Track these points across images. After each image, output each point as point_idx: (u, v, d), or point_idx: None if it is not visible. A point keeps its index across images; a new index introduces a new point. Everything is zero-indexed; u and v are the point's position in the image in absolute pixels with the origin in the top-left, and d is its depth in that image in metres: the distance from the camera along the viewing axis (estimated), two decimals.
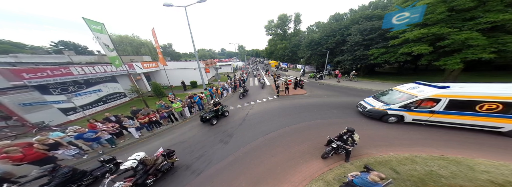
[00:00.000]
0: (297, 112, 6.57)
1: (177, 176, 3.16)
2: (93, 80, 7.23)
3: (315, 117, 5.90)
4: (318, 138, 4.21)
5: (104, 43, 5.32)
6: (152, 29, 7.50)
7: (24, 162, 2.91)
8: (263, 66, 33.88)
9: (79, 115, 6.10)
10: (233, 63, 28.42)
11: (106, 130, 4.08)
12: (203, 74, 9.31)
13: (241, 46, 75.06)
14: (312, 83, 13.42)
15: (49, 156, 3.19)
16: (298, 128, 5.05)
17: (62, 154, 3.35)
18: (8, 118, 4.97)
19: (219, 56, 71.44)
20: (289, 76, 18.46)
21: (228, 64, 25.96)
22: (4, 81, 4.66)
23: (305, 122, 5.50)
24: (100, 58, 11.81)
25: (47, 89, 5.66)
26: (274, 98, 9.08)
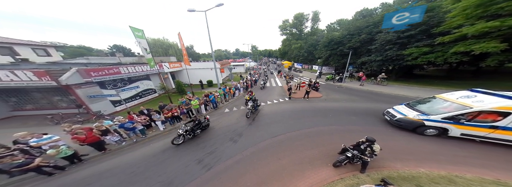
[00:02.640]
0: (310, 115, 6.18)
1: (191, 169, 3.42)
2: (134, 78, 8.55)
3: (330, 122, 5.45)
4: (331, 145, 3.90)
5: (143, 47, 6.28)
6: (179, 33, 8.29)
7: (85, 143, 3.75)
8: (276, 67, 32.79)
9: (122, 107, 7.36)
10: (246, 64, 28.55)
11: (140, 121, 4.81)
12: (218, 74, 9.74)
13: (254, 47, 74.67)
14: (330, 86, 12.29)
15: (101, 140, 4.01)
16: (309, 132, 4.77)
17: (109, 139, 4.15)
18: (80, 106, 6.55)
19: (233, 56, 73.44)
20: (303, 78, 17.25)
21: (241, 64, 26.26)
22: (79, 78, 6.05)
23: (318, 126, 5.14)
24: (139, 59, 13.97)
25: (104, 85, 7.03)
26: (285, 100, 8.73)
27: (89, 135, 3.81)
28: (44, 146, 3.49)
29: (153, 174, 3.24)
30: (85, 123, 5.90)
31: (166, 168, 3.42)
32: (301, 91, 9.74)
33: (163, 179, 3.07)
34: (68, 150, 3.32)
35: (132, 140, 4.55)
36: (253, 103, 6.50)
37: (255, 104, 6.68)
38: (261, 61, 54.19)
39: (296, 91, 9.73)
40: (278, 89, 11.81)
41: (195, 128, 4.62)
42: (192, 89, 10.04)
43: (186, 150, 4.18)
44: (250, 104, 6.36)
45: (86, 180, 3.13)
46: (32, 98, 6.55)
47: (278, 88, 12.17)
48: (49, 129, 4.71)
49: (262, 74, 19.32)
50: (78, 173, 3.40)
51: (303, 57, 28.76)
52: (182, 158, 3.78)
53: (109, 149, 4.03)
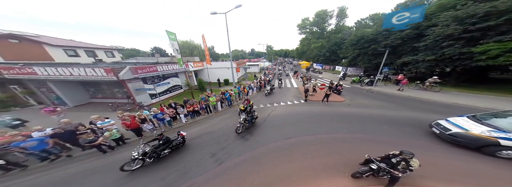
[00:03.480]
0: (329, 120, 5.62)
1: (204, 161, 3.66)
2: (166, 75, 9.88)
3: (353, 129, 4.82)
4: (351, 154, 3.47)
5: (175, 48, 7.16)
6: (202, 35, 8.92)
7: (129, 129, 4.64)
8: (292, 67, 30.96)
9: (156, 100, 8.64)
10: (260, 64, 28.04)
11: (169, 113, 5.54)
12: (234, 74, 10.03)
13: (269, 46, 72.59)
14: (356, 90, 10.70)
15: (140, 127, 4.87)
16: (326, 138, 4.36)
17: (145, 127, 4.99)
18: (128, 97, 8.21)
19: (249, 56, 73.45)
20: (323, 79, 15.54)
21: (256, 64, 25.97)
22: (130, 74, 7.46)
23: (337, 133, 4.64)
24: (171, 59, 16.09)
25: (145, 80, 8.45)
26: (300, 102, 8.17)
27: (132, 122, 4.63)
28: (105, 128, 4.55)
29: (172, 163, 3.64)
30: (131, 112, 7.36)
31: (184, 158, 3.79)
32: (320, 94, 8.79)
33: (180, 168, 3.41)
34: (117, 133, 4.19)
35: (161, 130, 5.31)
36: (246, 116, 5.02)
37: (251, 116, 5.19)
38: (276, 61, 52.20)
39: (313, 94, 8.85)
40: (293, 91, 11.14)
41: (159, 149, 3.58)
42: (211, 87, 10.77)
43: (203, 142, 4.50)
44: (242, 117, 4.86)
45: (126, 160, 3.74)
46: (101, 89, 8.65)
47: (294, 90, 11.46)
48: (109, 114, 6.11)
49: (276, 75, 18.43)
50: (122, 153, 4.10)
51: (324, 57, 25.94)
52: (197, 151, 4.09)
53: (144, 136, 4.84)
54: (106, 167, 3.55)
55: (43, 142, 3.44)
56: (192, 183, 2.99)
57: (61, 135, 3.71)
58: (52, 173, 3.47)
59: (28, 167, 3.51)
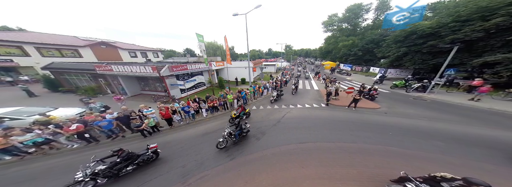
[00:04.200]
0: (355, 128, 4.92)
1: (218, 155, 3.87)
2: (194, 73, 11.04)
3: (388, 141, 4.09)
4: (382, 169, 3.01)
5: (202, 49, 7.87)
6: (225, 36, 9.32)
7: (164, 118, 5.52)
8: (313, 68, 28.01)
9: (184, 94, 9.88)
10: (277, 63, 26.63)
11: (193, 107, 6.24)
12: (251, 73, 10.12)
13: (288, 46, 68.73)
14: (397, 96, 8.77)
15: (171, 118, 5.72)
16: (349, 147, 3.88)
17: (175, 118, 5.81)
18: (165, 91, 9.83)
19: (265, 56, 71.66)
20: (352, 82, 13.28)
21: (273, 64, 24.82)
22: (168, 72, 8.79)
23: (365, 143, 4.03)
24: (198, 59, 17.93)
25: (178, 77, 9.83)
26: (321, 106, 7.37)
27: (166, 112, 5.49)
28: (147, 116, 5.63)
29: (192, 152, 4.03)
30: (166, 103, 8.79)
31: (201, 150, 4.13)
32: (346, 99, 7.56)
33: (197, 159, 3.75)
34: (153, 121, 5.08)
35: (186, 122, 6.04)
36: (236, 127, 4.20)
37: (239, 129, 4.21)
38: (295, 61, 48.78)
39: (337, 98, 7.69)
40: (313, 93, 10.14)
41: (117, 167, 2.91)
42: (229, 85, 11.29)
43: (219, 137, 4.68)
44: (227, 130, 4.00)
45: (161, 145, 4.32)
46: (148, 83, 10.75)
47: (314, 93, 10.42)
48: (151, 104, 7.55)
49: (294, 75, 16.99)
50: (156, 139, 4.70)
51: (355, 57, 22.15)
52: (213, 145, 4.28)
53: (173, 126, 5.66)
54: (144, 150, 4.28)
55: (111, 123, 4.62)
56: (205, 174, 3.23)
57: (121, 119, 4.88)
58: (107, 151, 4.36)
59: (99, 142, 4.58)
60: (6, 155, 3.59)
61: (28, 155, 3.79)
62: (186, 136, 4.97)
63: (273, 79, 11.86)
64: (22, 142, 3.62)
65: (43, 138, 3.85)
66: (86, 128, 4.29)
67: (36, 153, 3.89)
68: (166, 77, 8.67)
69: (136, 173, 3.25)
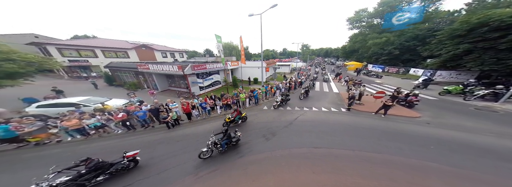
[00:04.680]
0: (382, 138, 4.28)
1: (228, 152, 3.96)
2: (211, 72, 11.69)
3: (426, 155, 3.43)
4: (414, 185, 2.60)
5: (220, 49, 8.21)
6: (240, 37, 9.36)
7: (184, 112, 6.07)
8: (333, 69, 24.55)
9: (202, 91, 10.66)
10: (292, 64, 25.07)
11: (209, 104, 6.62)
12: (264, 73, 9.84)
13: (305, 46, 62.71)
14: (448, 104, 7.13)
15: (190, 112, 6.24)
16: (371, 157, 3.40)
17: (194, 113, 6.30)
18: (187, 87, 10.84)
19: (280, 56, 68.27)
20: (383, 85, 11.20)
21: (287, 64, 23.55)
22: (190, 71, 9.61)
23: (392, 155, 3.47)
24: (216, 59, 18.85)
25: (198, 76, 10.66)
26: (340, 110, 6.61)
27: (187, 107, 6.05)
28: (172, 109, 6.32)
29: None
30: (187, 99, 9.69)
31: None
32: (373, 104, 6.44)
33: None
34: (176, 115, 5.64)
35: (202, 117, 6.47)
36: (223, 136, 3.71)
37: (226, 138, 3.72)
38: (313, 61, 44.66)
39: (362, 103, 6.62)
40: (332, 96, 9.13)
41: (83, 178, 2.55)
42: (242, 84, 11.41)
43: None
44: (211, 139, 3.51)
45: (179, 137, 4.72)
46: (174, 80, 12.07)
47: (332, 96, 9.37)
48: (175, 99, 8.43)
49: (310, 76, 15.49)
50: (177, 131, 5.15)
51: (390, 57, 18.60)
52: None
53: (192, 120, 6.15)
54: (167, 140, 4.59)
55: (145, 114, 5.43)
56: (215, 169, 3.37)
57: (152, 111, 5.65)
58: (142, 138, 4.79)
59: (136, 130, 5.27)
60: (78, 134, 4.73)
61: (90, 136, 4.86)
62: (202, 130, 5.29)
63: (286, 80, 11.27)
64: (88, 125, 4.67)
65: (100, 122, 4.86)
66: (128, 117, 5.15)
67: (95, 134, 4.95)
68: (188, 75, 9.51)
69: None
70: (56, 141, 4.53)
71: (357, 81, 10.34)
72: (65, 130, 4.48)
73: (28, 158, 3.86)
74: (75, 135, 4.70)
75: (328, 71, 21.97)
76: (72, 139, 4.68)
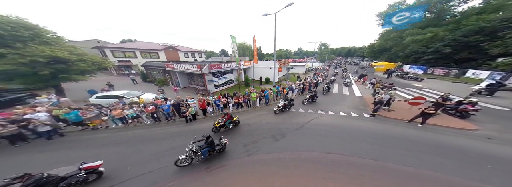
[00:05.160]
0: (413, 149, 3.67)
1: (237, 149, 4.01)
2: (226, 71, 12.09)
3: (481, 176, 2.81)
4: None
5: (234, 50, 8.36)
6: (254, 37, 9.21)
7: (200, 109, 6.47)
8: (356, 70, 21.41)
9: (217, 89, 11.15)
10: (307, 64, 23.36)
11: (223, 101, 6.86)
12: (276, 73, 9.43)
13: (324, 45, 57.40)
14: None
15: (206, 108, 6.61)
16: (398, 169, 2.97)
17: (208, 109, 6.64)
18: (204, 85, 11.54)
19: (294, 56, 64.23)
20: (423, 90, 9.35)
21: (302, 64, 22.04)
22: (207, 70, 10.14)
23: (429, 170, 2.94)
24: (230, 59, 19.32)
25: (213, 74, 11.20)
26: (362, 116, 5.87)
27: (203, 103, 6.45)
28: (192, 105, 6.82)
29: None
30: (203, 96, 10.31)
31: None
32: (407, 111, 5.40)
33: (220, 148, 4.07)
34: (194, 110, 6.05)
35: (216, 114, 6.75)
36: (205, 143, 3.31)
37: (207, 145, 3.31)
38: (332, 61, 40.62)
39: (391, 109, 5.59)
40: (352, 100, 8.11)
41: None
42: (254, 84, 11.32)
43: (240, 132, 4.92)
44: (189, 146, 3.17)
45: (195, 131, 4.84)
46: (193, 78, 13.03)
47: (354, 99, 8.32)
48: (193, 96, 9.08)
49: (327, 77, 13.83)
50: (193, 125, 5.49)
51: (437, 56, 14.83)
52: (235, 139, 4.54)
53: (207, 116, 6.49)
54: (185, 133, 4.91)
55: (169, 107, 6.06)
56: (225, 164, 3.47)
57: (174, 105, 6.25)
58: (165, 129, 5.24)
59: (161, 122, 5.83)
60: (120, 122, 5.67)
61: (128, 125, 5.75)
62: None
63: (300, 81, 10.57)
64: (127, 114, 5.53)
65: (136, 113, 5.69)
66: (156, 110, 5.84)
67: (131, 124, 5.83)
68: (205, 74, 10.07)
69: None
70: (105, 127, 5.55)
71: (388, 84, 8.73)
72: (112, 118, 5.44)
73: (86, 139, 4.83)
74: (117, 123, 5.66)
75: (350, 73, 19.27)
76: (116, 126, 5.63)
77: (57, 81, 7.56)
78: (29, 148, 4.24)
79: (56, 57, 6.52)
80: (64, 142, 4.61)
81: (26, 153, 4.02)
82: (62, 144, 4.48)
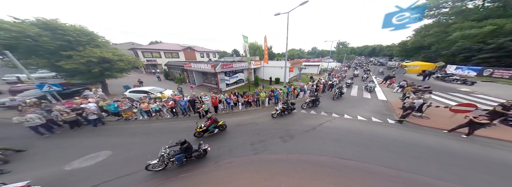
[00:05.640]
0: (451, 162, 3.08)
1: (245, 147, 4.01)
2: (237, 70, 12.28)
3: None
4: None
5: (246, 49, 8.32)
6: (265, 36, 8.97)
7: (213, 105, 6.69)
8: (381, 71, 18.38)
9: (228, 88, 11.43)
10: (322, 64, 21.57)
11: (233, 99, 6.95)
12: (286, 73, 9.04)
13: (342, 43, 51.07)
14: None
15: (217, 106, 6.80)
16: (424, 182, 2.59)
17: (220, 106, 6.82)
18: (216, 84, 11.96)
19: (307, 55, 60.38)
20: (472, 95, 7.76)
21: (315, 64, 20.46)
22: (220, 69, 10.51)
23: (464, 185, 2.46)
24: (242, 58, 19.43)
25: (225, 74, 11.52)
26: (385, 122, 5.20)
27: (215, 101, 6.66)
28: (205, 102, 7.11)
29: (227, 139, 4.51)
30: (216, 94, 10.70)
31: (232, 139, 4.45)
32: (448, 119, 4.47)
33: (229, 145, 4.15)
34: (206, 107, 6.30)
35: (226, 111, 6.88)
36: (180, 148, 3.03)
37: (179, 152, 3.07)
38: (351, 61, 36.41)
39: (424, 116, 4.68)
40: (374, 104, 7.24)
41: None
42: (263, 83, 11.09)
43: (248, 130, 4.91)
44: (164, 152, 2.98)
45: None
46: (207, 77, 13.66)
47: (376, 103, 7.42)
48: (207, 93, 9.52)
49: (343, 81, 12.15)
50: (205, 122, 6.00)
51: (500, 53, 11.62)
52: (242, 136, 4.56)
53: (218, 113, 6.67)
54: None
55: (186, 103, 6.47)
56: (233, 161, 3.51)
57: (190, 101, 6.63)
58: (181, 123, 5.63)
59: (178, 117, 6.33)
60: (146, 115, 6.35)
61: (151, 117, 6.39)
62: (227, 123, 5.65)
63: (313, 82, 9.83)
64: (152, 108, 6.15)
65: (158, 107, 6.27)
66: (175, 105, 6.31)
67: (154, 117, 6.46)
68: (218, 73, 10.38)
69: None
70: (134, 118, 6.30)
71: (423, 88, 7.27)
72: (140, 110, 6.13)
73: (120, 129, 5.59)
74: (144, 115, 6.35)
75: (374, 74, 16.69)
76: (142, 118, 6.33)
77: (103, 78, 8.97)
78: (81, 132, 5.17)
79: (103, 58, 7.77)
80: (104, 130, 5.43)
81: (79, 136, 4.91)
82: (103, 131, 5.29)
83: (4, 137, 4.52)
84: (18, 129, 4.59)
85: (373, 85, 9.54)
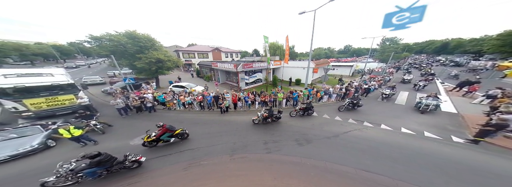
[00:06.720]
0: None
1: (258, 145, 4.00)
2: (256, 70, 12.30)
3: None
4: None
5: (266, 49, 7.99)
6: (286, 36, 8.21)
7: (233, 102, 6.94)
8: (455, 74, 12.10)
9: (247, 87, 11.64)
10: (357, 64, 17.65)
11: (251, 98, 6.94)
12: (309, 74, 8.03)
13: (391, 39, 37.26)
14: None
15: (237, 103, 7.00)
16: None
17: (239, 104, 6.99)
18: (237, 82, 12.39)
19: (338, 55, 50.60)
20: None
21: (348, 65, 16.89)
22: (241, 68, 10.88)
23: None
24: (261, 58, 19.05)
25: (245, 73, 11.75)
26: (448, 139, 3.91)
27: (235, 98, 6.91)
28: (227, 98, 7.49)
29: (242, 134, 4.63)
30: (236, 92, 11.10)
31: (247, 136, 4.52)
32: None
33: (244, 141, 4.28)
34: (227, 103, 6.60)
35: (244, 109, 6.97)
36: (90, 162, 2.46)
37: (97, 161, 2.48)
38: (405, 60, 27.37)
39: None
40: (435, 116, 5.41)
41: None
42: (282, 84, 10.38)
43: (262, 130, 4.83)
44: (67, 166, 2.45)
45: (226, 121, 5.52)
46: (229, 76, 14.46)
47: (438, 115, 5.49)
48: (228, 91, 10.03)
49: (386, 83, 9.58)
50: (225, 117, 6.10)
51: None
52: (256, 134, 4.57)
53: (236, 110, 6.87)
54: (219, 122, 5.59)
55: (211, 98, 7.08)
56: (246, 156, 3.61)
57: (215, 97, 7.21)
58: (206, 116, 6.13)
59: (204, 110, 6.93)
60: (182, 106, 7.46)
61: (185, 109, 7.43)
62: (242, 120, 5.85)
63: (342, 85, 8.18)
64: (186, 101, 7.14)
65: (190, 101, 7.20)
66: (203, 99, 7.02)
67: (187, 109, 7.47)
68: (239, 72, 10.69)
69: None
70: (174, 108, 7.55)
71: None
72: (179, 102, 7.26)
73: (164, 116, 6.77)
74: (180, 106, 7.49)
75: (442, 77, 11.63)
76: (179, 109, 7.50)
77: (157, 74, 11.41)
78: (142, 116, 6.78)
79: (158, 59, 9.93)
80: (154, 116, 6.83)
81: (141, 119, 6.42)
82: (153, 117, 6.71)
83: (104, 114, 6.44)
84: (110, 109, 6.51)
85: (436, 103, 5.49)
